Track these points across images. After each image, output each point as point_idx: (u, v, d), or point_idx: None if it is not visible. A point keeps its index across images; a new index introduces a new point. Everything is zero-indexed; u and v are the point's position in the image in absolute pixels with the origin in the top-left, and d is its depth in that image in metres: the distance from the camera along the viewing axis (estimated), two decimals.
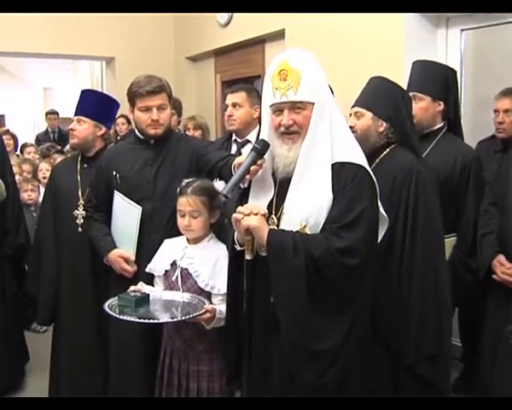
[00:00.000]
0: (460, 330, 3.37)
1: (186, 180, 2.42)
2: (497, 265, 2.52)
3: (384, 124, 2.36)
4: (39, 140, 7.94)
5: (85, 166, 3.04)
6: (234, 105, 3.25)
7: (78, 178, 3.01)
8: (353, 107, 2.45)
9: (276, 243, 1.83)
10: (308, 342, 1.81)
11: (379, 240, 2.00)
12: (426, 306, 2.20)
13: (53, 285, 3.04)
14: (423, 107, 2.81)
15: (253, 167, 1.94)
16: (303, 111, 1.87)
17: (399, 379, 2.26)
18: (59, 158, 4.85)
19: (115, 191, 2.69)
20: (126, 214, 2.65)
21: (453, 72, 2.98)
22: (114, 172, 2.67)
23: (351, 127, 2.35)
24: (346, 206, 1.81)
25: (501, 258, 2.51)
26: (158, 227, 2.61)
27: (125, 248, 2.66)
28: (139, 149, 2.70)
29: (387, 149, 2.38)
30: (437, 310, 2.22)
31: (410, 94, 2.74)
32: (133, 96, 2.63)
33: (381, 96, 2.39)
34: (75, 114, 3.03)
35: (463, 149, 2.84)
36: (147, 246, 2.61)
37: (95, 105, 3.02)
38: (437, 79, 2.85)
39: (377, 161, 2.36)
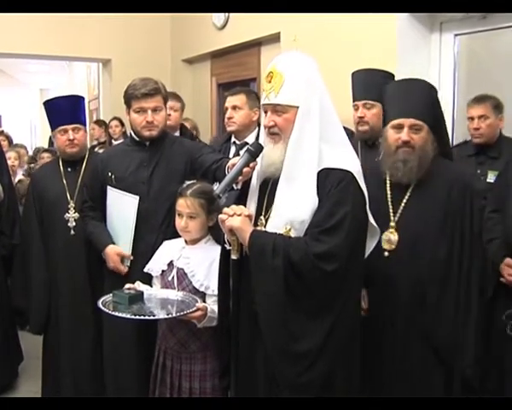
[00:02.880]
0: None
1: (188, 182, 2.46)
2: (504, 268, 2.61)
3: (431, 135, 2.21)
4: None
5: (69, 169, 3.06)
6: (234, 107, 3.27)
7: (65, 182, 3.03)
8: (408, 117, 2.19)
9: (257, 244, 1.86)
10: (287, 343, 1.83)
11: (370, 250, 2.00)
12: (477, 315, 2.18)
13: (45, 293, 3.02)
14: (376, 113, 2.86)
15: (245, 169, 1.96)
16: (284, 114, 1.88)
17: (451, 385, 2.21)
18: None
19: (108, 187, 2.71)
20: (122, 206, 2.68)
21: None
22: (110, 173, 2.71)
23: (407, 142, 2.18)
24: (329, 210, 1.81)
25: (509, 261, 2.59)
26: (152, 228, 2.63)
27: (122, 241, 2.69)
28: (134, 151, 2.73)
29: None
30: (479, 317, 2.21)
31: (362, 102, 2.86)
32: (129, 98, 2.67)
33: (426, 105, 2.21)
34: (62, 124, 2.95)
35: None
36: (141, 246, 2.64)
37: (78, 110, 3.02)
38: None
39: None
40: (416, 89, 2.27)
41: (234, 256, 1.97)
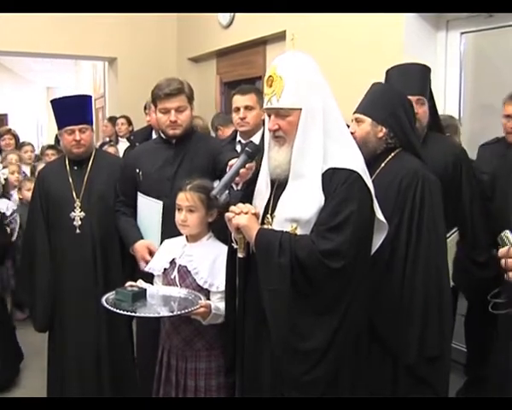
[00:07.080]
0: (467, 338, 3.36)
1: (187, 180, 2.46)
2: None
3: (383, 129, 2.35)
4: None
5: (75, 168, 3.05)
6: (246, 107, 3.25)
7: (70, 180, 3.01)
8: (354, 113, 2.46)
9: (263, 242, 1.86)
10: (293, 340, 1.83)
11: (377, 246, 1.99)
12: (428, 308, 2.20)
13: (50, 292, 3.00)
14: (426, 109, 2.79)
15: (242, 170, 1.97)
16: (287, 117, 1.89)
17: (397, 379, 2.25)
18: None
19: (138, 192, 2.79)
20: (149, 211, 2.75)
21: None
22: (138, 170, 2.78)
23: (351, 133, 2.34)
24: (335, 208, 1.81)
25: None
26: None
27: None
28: (161, 149, 2.81)
29: (392, 154, 2.37)
30: (439, 312, 2.22)
31: (416, 97, 2.72)
32: (154, 98, 2.75)
33: (379, 102, 2.39)
34: (69, 124, 2.93)
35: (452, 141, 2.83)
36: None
37: (85, 110, 3.01)
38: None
39: (382, 165, 2.35)
40: (380, 92, 2.44)
41: (240, 254, 1.97)
